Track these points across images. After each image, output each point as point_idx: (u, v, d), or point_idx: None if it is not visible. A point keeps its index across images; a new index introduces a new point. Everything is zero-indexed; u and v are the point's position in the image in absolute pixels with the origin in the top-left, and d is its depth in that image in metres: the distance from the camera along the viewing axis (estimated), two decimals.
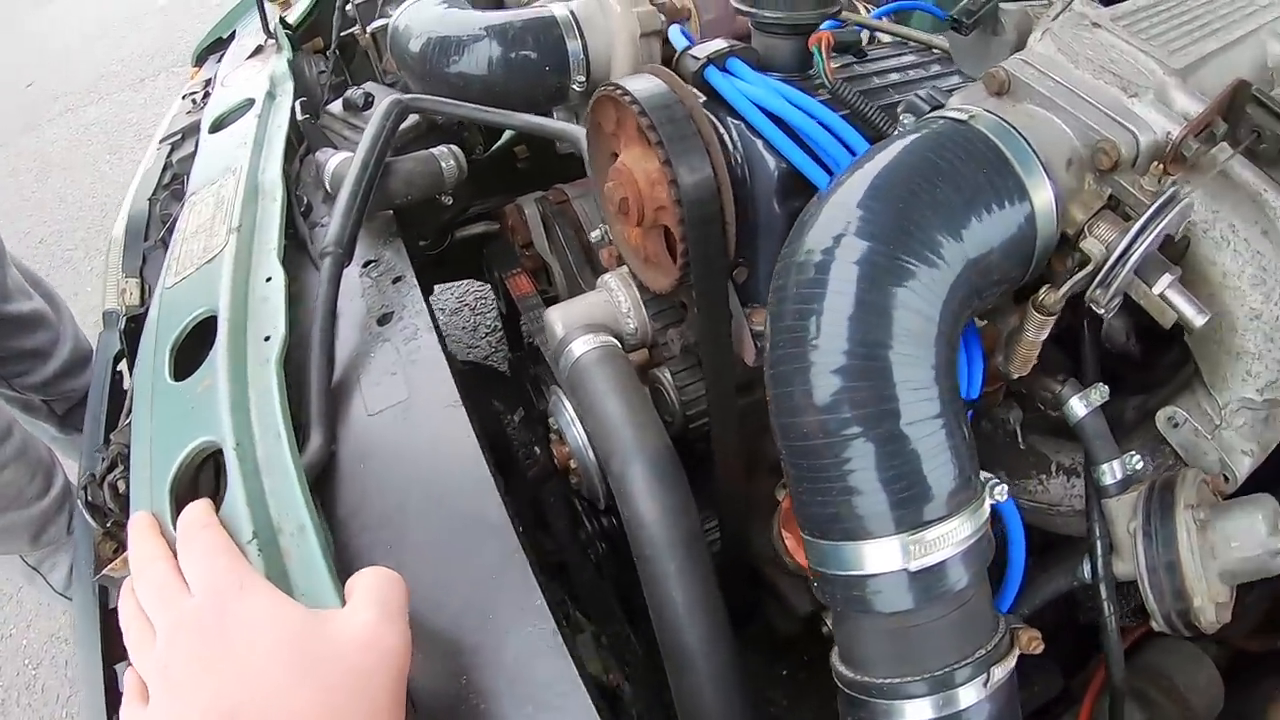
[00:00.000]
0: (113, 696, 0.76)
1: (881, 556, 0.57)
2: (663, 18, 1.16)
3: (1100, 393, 0.73)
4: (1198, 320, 0.62)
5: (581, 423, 0.90)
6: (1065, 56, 0.70)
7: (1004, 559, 0.73)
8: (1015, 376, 0.72)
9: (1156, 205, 0.61)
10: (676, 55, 0.83)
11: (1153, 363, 0.87)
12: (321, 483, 0.76)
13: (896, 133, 0.67)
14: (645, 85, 0.74)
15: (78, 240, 3.63)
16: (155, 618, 0.60)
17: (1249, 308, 0.68)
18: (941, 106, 0.71)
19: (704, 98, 0.80)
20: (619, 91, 0.74)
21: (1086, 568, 0.76)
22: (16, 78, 5.38)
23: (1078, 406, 0.72)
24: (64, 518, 1.71)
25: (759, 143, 0.76)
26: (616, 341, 0.87)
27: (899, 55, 0.96)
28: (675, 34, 0.90)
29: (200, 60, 1.65)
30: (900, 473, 0.56)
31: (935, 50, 0.95)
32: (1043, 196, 0.62)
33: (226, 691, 0.52)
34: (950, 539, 0.57)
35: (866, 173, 0.60)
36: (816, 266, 0.57)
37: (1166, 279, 0.62)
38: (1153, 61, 0.67)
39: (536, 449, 1.33)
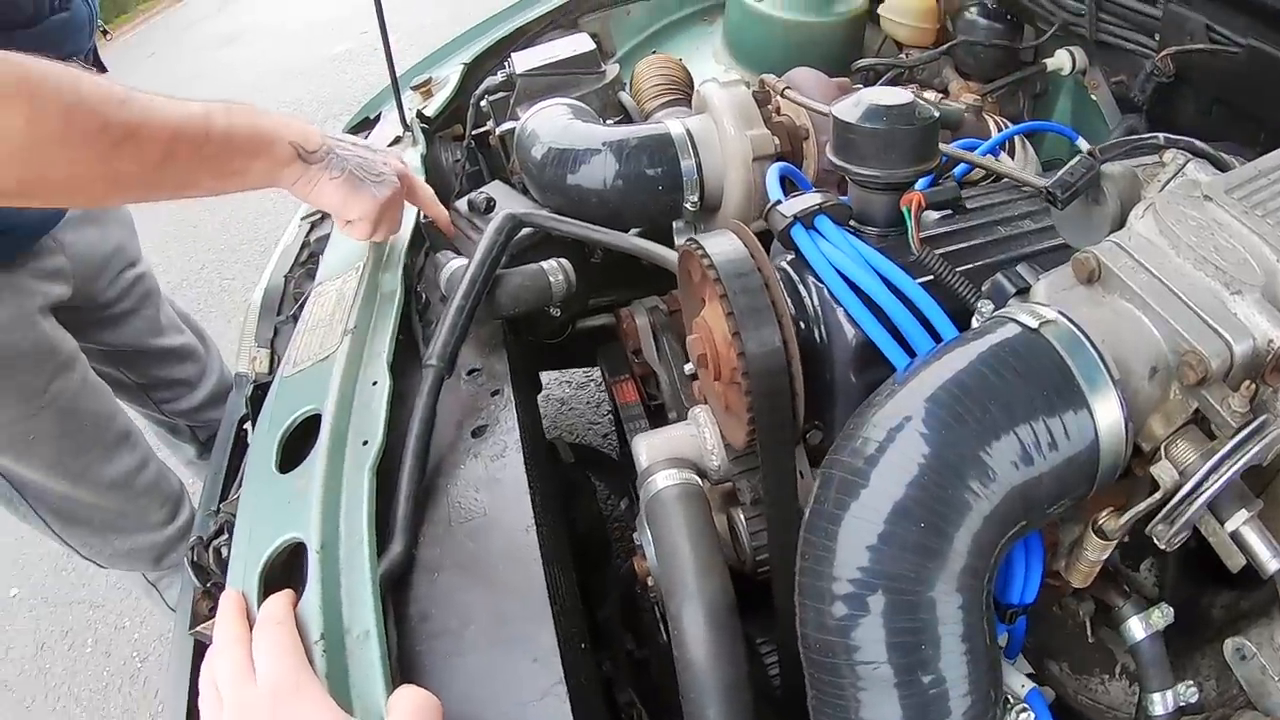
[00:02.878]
0: None
1: None
2: (776, 141, 1.19)
3: (1163, 614, 0.70)
4: (1272, 565, 0.57)
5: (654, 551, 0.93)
6: (1166, 240, 0.65)
7: None
8: (1076, 587, 0.70)
9: (1238, 438, 0.56)
10: (768, 207, 0.85)
11: None
12: (400, 584, 0.82)
13: (970, 331, 0.66)
14: (724, 248, 0.76)
15: (235, 271, 3.89)
16: (224, 693, 0.69)
17: None
18: (1027, 290, 0.69)
19: (792, 254, 0.82)
20: (699, 251, 0.77)
21: None
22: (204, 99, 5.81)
23: (1136, 628, 0.70)
24: (185, 545, 1.83)
25: (839, 310, 0.78)
26: (697, 478, 0.90)
27: (1007, 203, 0.94)
28: (773, 181, 0.92)
29: None
30: (913, 703, 0.56)
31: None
32: (1110, 416, 0.58)
33: None
34: None
35: (920, 385, 0.60)
36: (848, 486, 0.58)
37: (1242, 515, 0.58)
38: (1266, 247, 0.61)
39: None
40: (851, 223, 0.84)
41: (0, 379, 1.38)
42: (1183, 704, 0.69)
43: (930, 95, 1.44)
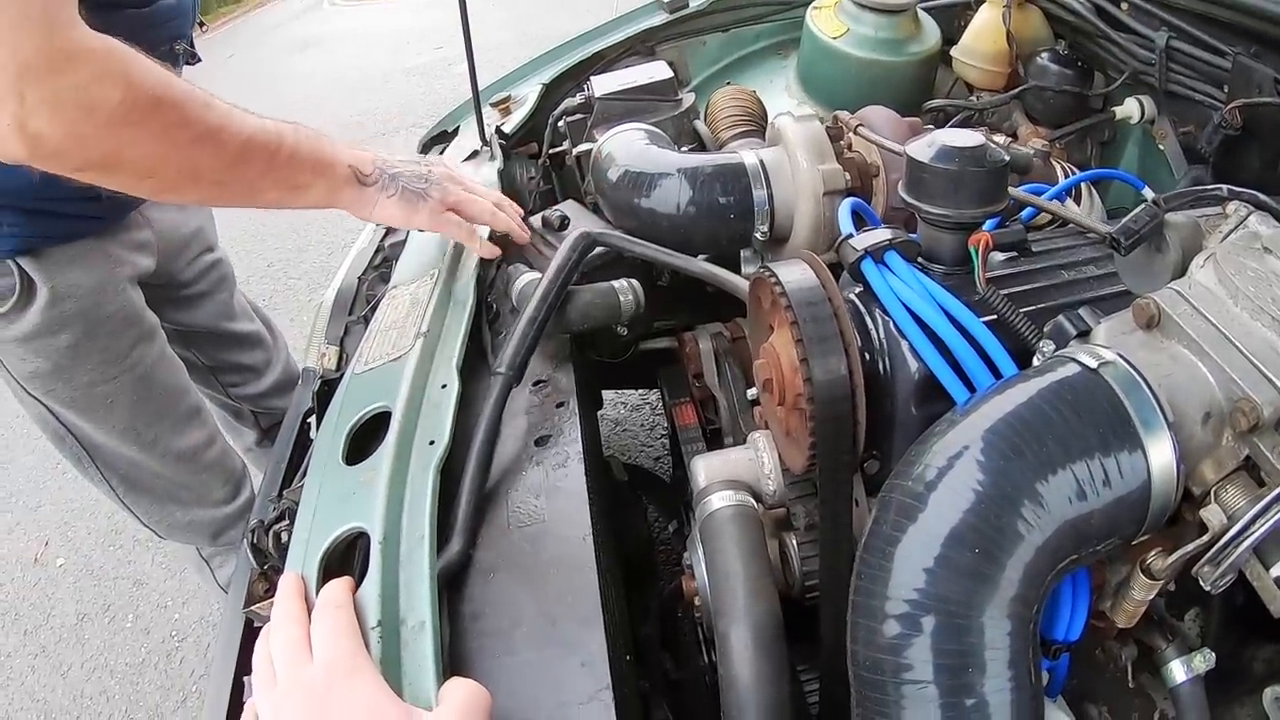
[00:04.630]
0: (235, 702, 0.88)
1: None
2: (847, 176, 1.21)
3: (1205, 659, 0.71)
4: None
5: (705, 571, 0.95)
6: (1225, 289, 0.67)
7: None
8: (1120, 628, 0.71)
9: None
10: (839, 240, 0.87)
11: None
12: (456, 582, 0.84)
13: (1031, 369, 0.68)
14: (796, 276, 0.79)
15: (302, 271, 3.99)
16: (280, 670, 0.71)
17: None
18: (1088, 332, 0.71)
19: (860, 287, 0.84)
20: (772, 278, 0.79)
21: None
22: (276, 114, 5.98)
23: (1178, 671, 0.71)
24: (243, 525, 1.88)
25: (904, 343, 0.79)
26: (753, 501, 0.92)
27: (1072, 248, 0.95)
28: (844, 215, 0.94)
29: (426, 149, 1.82)
30: None
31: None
32: (1163, 457, 0.60)
33: None
34: None
35: (981, 417, 0.62)
36: (907, 510, 0.60)
37: None
38: None
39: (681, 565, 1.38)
40: (920, 260, 0.86)
41: (86, 340, 1.44)
42: None
43: (1000, 139, 1.45)
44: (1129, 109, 1.51)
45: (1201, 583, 0.61)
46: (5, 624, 2.50)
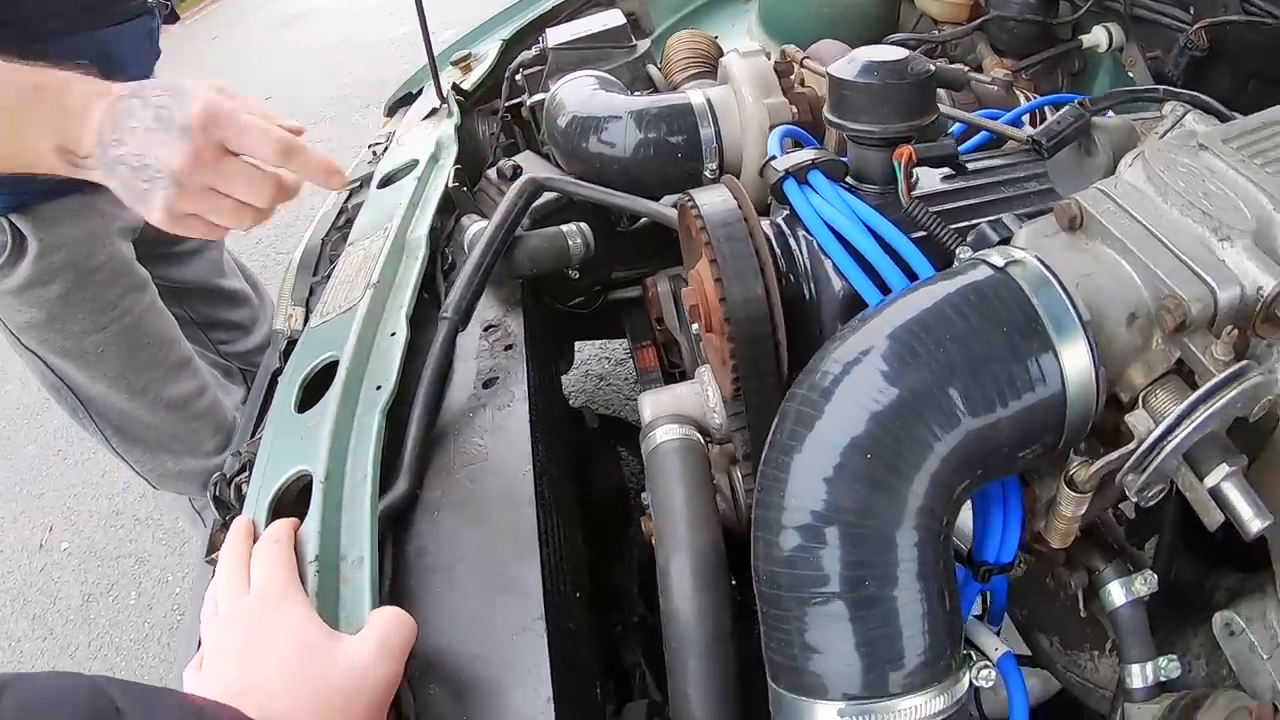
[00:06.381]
0: None
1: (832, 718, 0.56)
2: (794, 110, 1.21)
3: (1146, 581, 0.67)
4: (1254, 525, 0.53)
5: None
6: (1154, 187, 0.62)
7: None
8: (1057, 547, 0.66)
9: (1214, 383, 0.53)
10: (764, 162, 0.86)
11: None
12: (402, 520, 0.86)
13: (940, 273, 0.65)
14: (714, 199, 0.78)
15: (289, 246, 3.97)
16: (220, 604, 0.75)
17: None
18: (1010, 238, 0.68)
19: (786, 210, 0.83)
20: (691, 204, 0.79)
21: None
22: (258, 91, 5.98)
23: (1117, 593, 0.67)
24: None
25: (827, 262, 0.78)
26: (698, 435, 0.92)
27: (1014, 165, 0.92)
28: (774, 141, 0.93)
29: (391, 111, 1.83)
30: (861, 640, 0.55)
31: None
32: (1078, 360, 0.56)
33: (244, 676, 0.65)
34: (910, 714, 0.55)
35: (882, 322, 0.59)
36: (804, 418, 0.58)
37: (1223, 470, 0.54)
38: (1263, 196, 0.58)
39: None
40: (850, 180, 0.84)
41: (75, 290, 1.50)
42: (1164, 679, 0.65)
43: (959, 68, 1.44)
44: (1096, 37, 1.50)
45: (1127, 492, 0.57)
46: (14, 610, 2.54)
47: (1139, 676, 0.66)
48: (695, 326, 0.98)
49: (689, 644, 0.77)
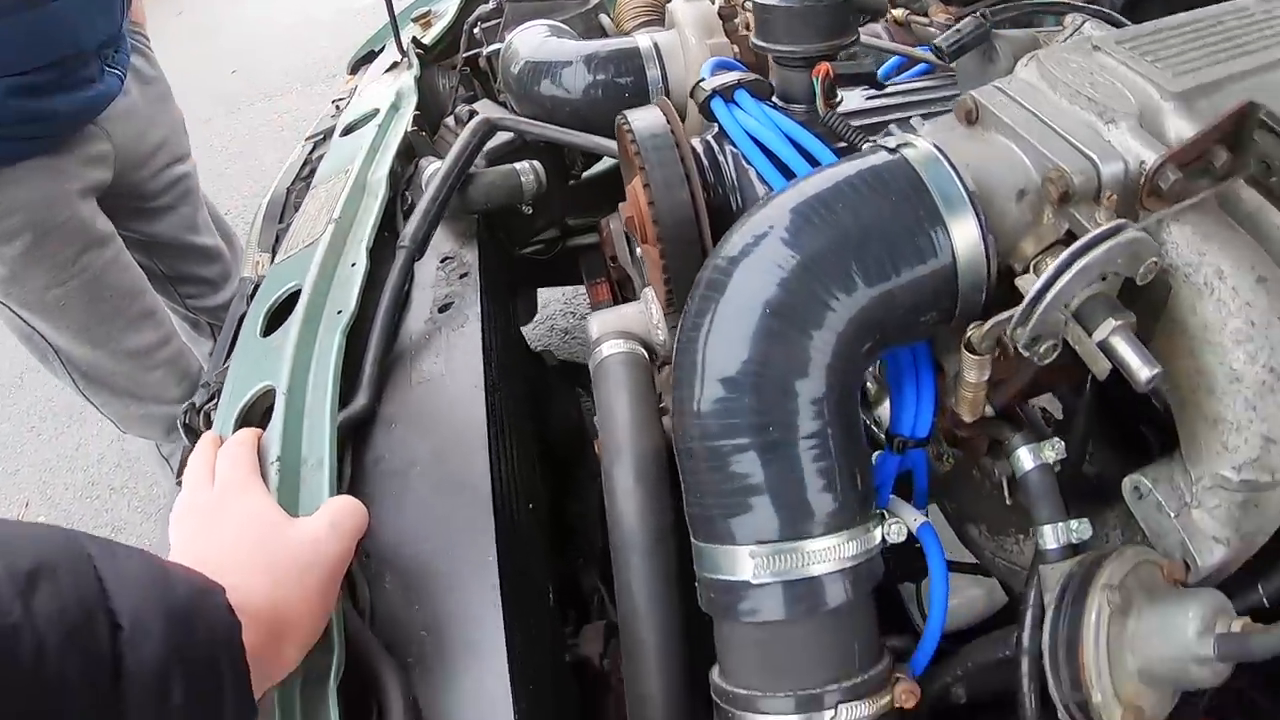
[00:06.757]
0: None
1: (750, 564, 0.59)
2: (736, 49, 1.26)
3: (1054, 448, 0.69)
4: (1143, 373, 0.54)
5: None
6: (1046, 82, 0.66)
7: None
8: (968, 420, 0.69)
9: (1090, 236, 0.56)
10: (693, 85, 0.91)
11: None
12: (362, 434, 0.90)
13: (840, 159, 0.68)
14: (644, 116, 0.83)
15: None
16: (186, 496, 0.79)
17: (1230, 368, 0.58)
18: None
19: (716, 129, 0.88)
20: (623, 121, 0.83)
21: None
22: (224, 64, 5.97)
23: (1025, 459, 0.68)
24: None
25: (751, 171, 0.83)
26: (643, 350, 0.97)
27: (936, 87, 0.98)
28: (707, 68, 0.97)
29: (354, 69, 1.86)
30: (774, 487, 0.59)
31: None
32: (967, 232, 0.59)
33: (206, 553, 0.69)
34: (823, 556, 0.59)
35: (786, 198, 0.63)
36: (715, 284, 0.62)
37: (1110, 324, 0.56)
38: (1150, 86, 0.62)
39: None
40: (776, 100, 0.89)
41: (35, 249, 1.56)
42: (1075, 540, 0.67)
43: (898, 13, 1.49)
44: None
45: (1016, 346, 0.59)
46: None
47: (1050, 537, 0.67)
48: (634, 242, 1.03)
49: (632, 542, 0.80)
